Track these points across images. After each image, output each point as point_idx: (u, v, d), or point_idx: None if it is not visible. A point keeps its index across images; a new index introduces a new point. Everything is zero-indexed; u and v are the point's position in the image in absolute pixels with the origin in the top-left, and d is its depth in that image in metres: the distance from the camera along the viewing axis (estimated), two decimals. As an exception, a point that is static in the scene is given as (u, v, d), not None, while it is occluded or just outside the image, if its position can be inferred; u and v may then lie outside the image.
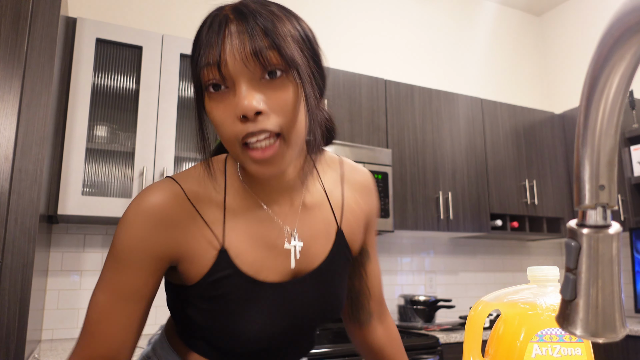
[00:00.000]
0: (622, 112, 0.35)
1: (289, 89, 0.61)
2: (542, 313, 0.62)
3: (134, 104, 2.19)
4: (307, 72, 0.64)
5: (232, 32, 0.60)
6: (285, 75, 0.61)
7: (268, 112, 0.60)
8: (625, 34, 0.32)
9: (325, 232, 0.75)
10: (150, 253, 0.65)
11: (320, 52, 0.69)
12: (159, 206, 0.65)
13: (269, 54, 0.59)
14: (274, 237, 0.71)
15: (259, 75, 0.60)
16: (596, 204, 0.36)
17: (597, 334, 0.36)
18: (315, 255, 0.73)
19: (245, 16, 0.60)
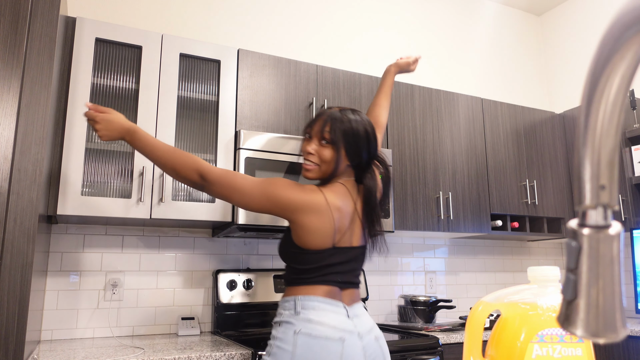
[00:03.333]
0: (622, 112, 0.35)
1: (326, 151, 1.46)
2: (543, 313, 0.61)
3: (133, 103, 2.19)
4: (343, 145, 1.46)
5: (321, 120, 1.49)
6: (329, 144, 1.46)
7: (315, 154, 1.47)
8: (626, 34, 0.32)
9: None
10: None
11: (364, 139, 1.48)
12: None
13: (325, 134, 1.46)
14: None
15: (320, 139, 1.47)
16: (597, 204, 0.36)
17: (598, 334, 0.36)
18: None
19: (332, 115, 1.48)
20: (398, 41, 3.36)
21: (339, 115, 1.45)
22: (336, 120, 1.43)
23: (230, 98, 2.32)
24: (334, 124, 1.43)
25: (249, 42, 2.89)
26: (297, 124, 2.46)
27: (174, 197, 2.17)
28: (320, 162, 1.45)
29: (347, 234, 1.45)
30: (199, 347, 1.90)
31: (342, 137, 1.43)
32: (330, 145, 1.43)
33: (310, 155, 1.45)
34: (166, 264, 2.43)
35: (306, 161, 1.46)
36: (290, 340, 1.32)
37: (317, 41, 3.10)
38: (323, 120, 1.44)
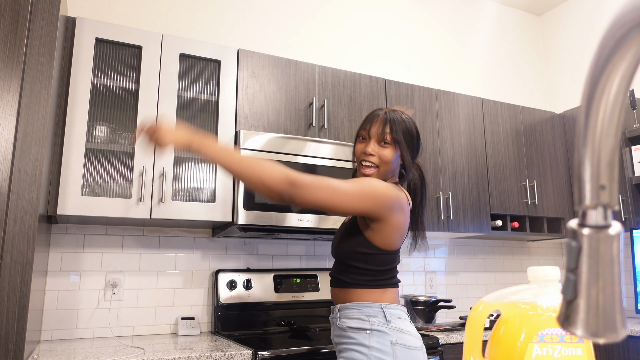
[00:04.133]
0: (622, 112, 0.35)
1: (387, 151, 1.49)
2: (543, 313, 0.61)
3: (133, 103, 2.19)
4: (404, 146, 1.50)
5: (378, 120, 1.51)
6: (389, 144, 1.49)
7: (376, 155, 1.49)
8: (626, 34, 0.32)
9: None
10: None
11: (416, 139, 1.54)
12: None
13: (386, 135, 1.49)
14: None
15: (380, 140, 1.50)
16: (597, 204, 0.36)
17: (598, 334, 0.36)
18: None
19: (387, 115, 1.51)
20: (398, 41, 3.36)
21: (396, 116, 1.49)
22: (395, 121, 1.48)
23: (230, 98, 2.32)
24: (394, 124, 1.47)
25: (249, 42, 2.89)
26: (297, 124, 2.46)
27: (174, 197, 2.17)
28: (380, 163, 1.47)
29: None
30: (199, 347, 1.90)
31: (402, 137, 1.47)
32: (390, 146, 1.47)
33: (370, 156, 1.47)
34: (166, 264, 2.43)
35: (365, 162, 1.48)
36: (390, 352, 1.31)
37: (317, 41, 3.10)
38: (382, 121, 1.48)
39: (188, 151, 1.24)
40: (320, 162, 2.36)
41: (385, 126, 1.47)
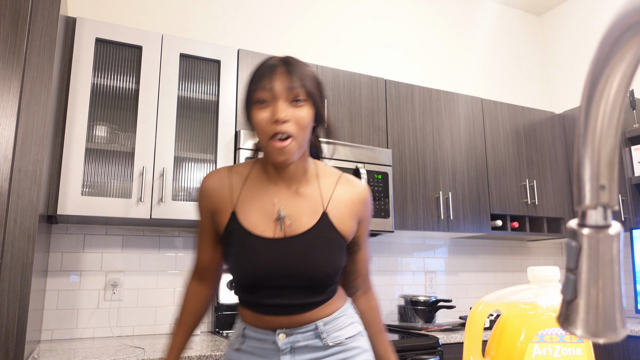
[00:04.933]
0: (622, 112, 0.35)
1: (304, 110, 1.04)
2: (543, 313, 0.61)
3: (133, 103, 2.19)
4: (318, 99, 1.08)
5: (280, 72, 1.04)
6: (305, 102, 1.04)
7: (291, 121, 1.02)
8: (625, 34, 0.32)
9: (312, 212, 1.10)
10: (203, 209, 1.15)
11: (324, 95, 1.12)
12: (205, 184, 1.15)
13: (298, 90, 1.03)
14: (270, 208, 1.10)
15: (290, 99, 1.03)
16: (596, 204, 0.36)
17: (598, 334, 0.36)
18: (301, 225, 1.08)
19: (288, 64, 1.06)
20: (398, 41, 3.36)
21: (296, 61, 1.08)
22: (301, 67, 1.06)
23: (230, 98, 2.32)
24: (302, 72, 1.05)
25: (249, 42, 2.89)
26: (297, 124, 2.46)
27: (174, 197, 2.17)
28: (298, 131, 1.02)
29: None
30: (199, 347, 1.90)
31: (315, 89, 1.07)
32: (306, 104, 1.04)
33: (284, 124, 1.00)
34: (166, 264, 2.43)
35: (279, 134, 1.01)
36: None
37: (317, 41, 3.10)
38: (286, 72, 1.04)
39: None
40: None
41: (293, 77, 1.03)
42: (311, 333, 1.08)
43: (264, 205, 1.10)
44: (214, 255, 1.19)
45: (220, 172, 1.15)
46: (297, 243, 1.06)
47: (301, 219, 1.08)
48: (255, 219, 1.08)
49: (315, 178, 1.15)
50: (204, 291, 1.21)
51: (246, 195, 1.11)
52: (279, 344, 1.07)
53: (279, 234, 1.08)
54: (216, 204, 1.13)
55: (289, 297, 1.07)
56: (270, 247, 1.06)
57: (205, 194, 1.14)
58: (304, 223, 1.08)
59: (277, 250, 1.06)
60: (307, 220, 1.08)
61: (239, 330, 1.14)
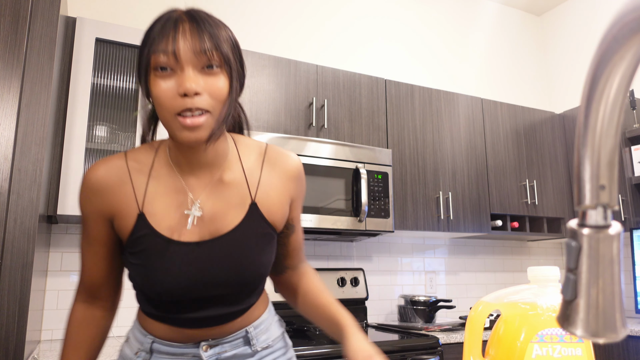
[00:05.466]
0: (622, 112, 0.35)
1: (221, 79, 0.80)
2: (543, 313, 0.61)
3: (133, 103, 2.19)
4: (236, 70, 0.84)
5: (185, 29, 0.79)
6: (220, 70, 0.80)
7: (204, 93, 0.78)
8: (625, 34, 0.32)
9: (239, 204, 0.89)
10: (93, 211, 0.88)
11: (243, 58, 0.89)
12: (94, 178, 0.87)
13: (213, 52, 0.79)
14: (186, 205, 0.87)
15: (201, 66, 0.79)
16: (597, 204, 0.36)
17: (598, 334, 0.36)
18: (227, 223, 0.88)
19: (197, 20, 0.80)
20: (398, 41, 3.36)
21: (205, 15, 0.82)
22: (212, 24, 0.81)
23: (230, 98, 2.32)
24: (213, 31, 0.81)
25: (249, 42, 2.89)
26: (297, 124, 2.46)
27: (174, 197, 2.17)
28: (214, 105, 0.80)
29: None
30: None
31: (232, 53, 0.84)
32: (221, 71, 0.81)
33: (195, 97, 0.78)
34: (166, 264, 2.43)
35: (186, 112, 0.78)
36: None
37: (317, 41, 3.10)
38: (194, 29, 0.79)
39: None
40: (321, 162, 2.36)
41: (203, 37, 0.79)
42: (240, 340, 0.93)
43: (178, 201, 0.87)
44: (109, 268, 0.94)
45: (114, 161, 0.87)
46: (223, 245, 0.87)
47: (227, 215, 0.88)
48: (170, 220, 0.86)
49: (238, 160, 0.92)
50: (99, 316, 0.96)
51: (154, 190, 0.87)
52: (203, 357, 0.90)
53: (200, 236, 0.87)
54: (114, 204, 0.86)
55: (217, 308, 0.89)
56: (190, 254, 0.85)
57: (96, 191, 0.86)
58: (230, 220, 0.88)
59: (199, 256, 0.86)
60: (233, 215, 0.88)
61: (140, 343, 0.92)
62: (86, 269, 0.93)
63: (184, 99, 0.77)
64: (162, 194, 0.87)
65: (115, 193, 0.86)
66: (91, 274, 0.93)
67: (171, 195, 0.87)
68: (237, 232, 0.88)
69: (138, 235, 0.85)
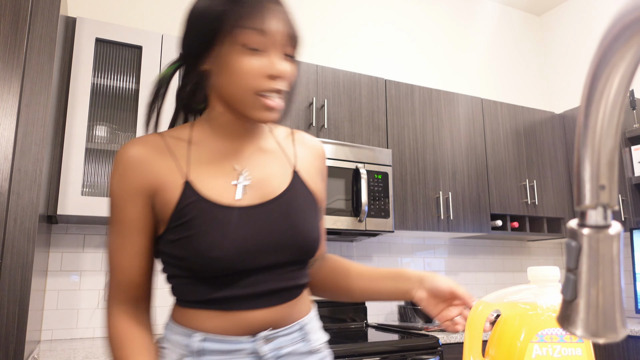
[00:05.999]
0: (622, 112, 0.35)
1: (295, 68, 0.84)
2: (543, 313, 0.61)
3: (133, 103, 2.19)
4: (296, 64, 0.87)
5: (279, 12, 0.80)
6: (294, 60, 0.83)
7: (287, 79, 0.81)
8: (625, 34, 0.32)
9: (282, 172, 0.88)
10: (132, 191, 0.81)
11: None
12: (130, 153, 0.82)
13: (297, 40, 0.82)
14: (232, 173, 0.84)
15: (286, 51, 0.80)
16: (597, 204, 0.36)
17: (598, 334, 0.36)
18: (275, 188, 0.85)
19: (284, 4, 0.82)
20: (398, 41, 3.36)
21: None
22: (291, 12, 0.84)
23: (230, 98, 2.32)
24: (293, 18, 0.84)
25: (249, 42, 2.89)
26: (297, 124, 2.46)
27: (174, 197, 2.17)
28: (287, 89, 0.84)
29: None
30: None
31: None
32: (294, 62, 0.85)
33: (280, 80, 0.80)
34: (166, 264, 2.43)
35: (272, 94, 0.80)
36: None
37: (317, 40, 3.10)
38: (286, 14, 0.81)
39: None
40: (320, 162, 2.36)
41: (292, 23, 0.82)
42: (297, 334, 0.85)
43: (223, 169, 0.84)
44: (149, 262, 0.85)
45: (149, 138, 0.84)
46: (276, 207, 0.83)
47: (272, 181, 0.86)
48: (218, 187, 0.82)
49: (269, 132, 0.93)
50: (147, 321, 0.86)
51: (197, 158, 0.83)
52: (261, 351, 0.80)
53: (250, 201, 0.82)
54: (156, 177, 0.81)
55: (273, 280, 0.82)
56: (244, 217, 0.80)
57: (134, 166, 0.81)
58: (276, 185, 0.85)
59: (254, 218, 0.81)
60: (279, 181, 0.86)
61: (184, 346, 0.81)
62: (123, 266, 0.83)
63: (273, 81, 0.79)
64: (205, 162, 0.83)
65: (155, 164, 0.81)
66: (131, 271, 0.83)
67: (215, 163, 0.84)
68: (286, 195, 0.85)
69: (185, 203, 0.79)
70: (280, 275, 0.83)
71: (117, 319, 0.84)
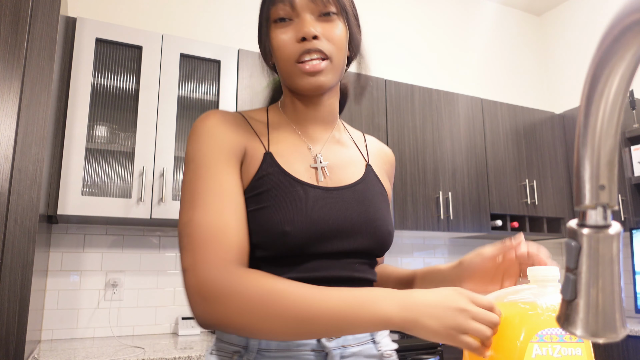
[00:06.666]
0: (622, 112, 0.35)
1: (338, 26, 0.80)
2: (543, 313, 0.61)
3: (133, 104, 2.19)
4: (353, 17, 0.85)
5: None
6: (337, 17, 0.80)
7: (322, 38, 0.78)
8: (625, 34, 0.32)
9: (355, 164, 0.87)
10: (227, 148, 0.76)
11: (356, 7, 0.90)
12: (222, 114, 0.80)
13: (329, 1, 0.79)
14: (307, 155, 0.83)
15: (318, 12, 0.79)
16: (596, 204, 0.36)
17: (598, 334, 0.36)
18: (349, 176, 0.84)
19: None
20: (398, 41, 3.36)
21: None
22: None
23: (230, 98, 2.32)
24: None
25: (249, 42, 2.89)
26: (297, 124, 2.46)
27: (174, 197, 2.17)
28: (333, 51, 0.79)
29: None
30: (199, 347, 1.90)
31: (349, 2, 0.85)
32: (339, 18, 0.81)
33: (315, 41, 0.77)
34: (166, 264, 2.43)
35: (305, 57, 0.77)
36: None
37: (317, 41, 3.10)
38: None
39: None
40: (320, 162, 2.37)
41: None
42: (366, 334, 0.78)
43: (301, 153, 0.82)
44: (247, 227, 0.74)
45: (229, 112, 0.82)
46: (351, 194, 0.80)
47: (347, 170, 0.84)
48: (296, 165, 0.80)
49: (344, 127, 0.94)
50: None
51: (276, 137, 0.82)
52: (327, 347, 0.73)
53: (326, 183, 0.80)
54: (245, 140, 0.79)
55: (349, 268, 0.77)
56: (321, 197, 0.77)
57: (226, 127, 0.78)
58: (351, 174, 0.84)
59: (330, 201, 0.77)
60: (353, 171, 0.85)
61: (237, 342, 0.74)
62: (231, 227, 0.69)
63: (303, 43, 0.77)
64: (283, 143, 0.82)
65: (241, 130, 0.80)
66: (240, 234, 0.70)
67: (292, 146, 0.82)
68: (361, 184, 0.83)
69: (264, 173, 0.76)
70: (349, 264, 0.78)
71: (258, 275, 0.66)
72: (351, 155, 0.87)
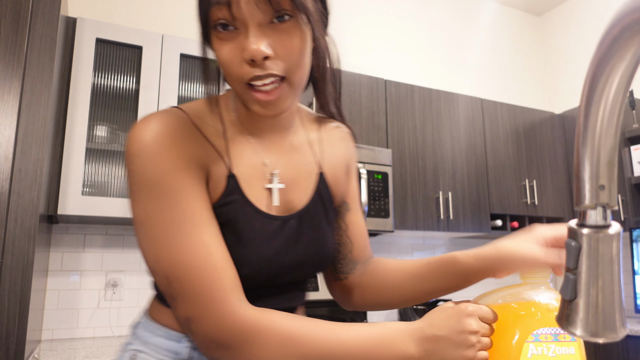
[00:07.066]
0: (622, 112, 0.35)
1: (295, 34, 0.62)
2: (536, 313, 0.62)
3: (134, 104, 2.19)
4: (316, 15, 0.64)
5: None
6: (294, 20, 0.62)
7: (275, 57, 0.61)
8: (625, 34, 0.32)
9: (307, 173, 0.76)
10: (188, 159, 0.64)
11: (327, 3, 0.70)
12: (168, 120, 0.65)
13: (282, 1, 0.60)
14: (262, 171, 0.72)
15: (269, 18, 0.61)
16: (596, 204, 0.36)
17: (597, 334, 0.36)
18: (300, 196, 0.75)
19: None
20: (398, 41, 3.36)
21: None
22: None
23: (230, 98, 2.33)
24: None
25: (249, 42, 2.89)
26: (297, 124, 2.46)
27: (174, 197, 2.17)
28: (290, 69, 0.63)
29: None
30: (199, 347, 1.90)
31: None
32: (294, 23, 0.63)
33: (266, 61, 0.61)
34: (166, 263, 2.43)
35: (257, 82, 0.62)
36: None
37: (317, 41, 3.10)
38: None
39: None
40: (320, 162, 2.37)
41: None
42: None
43: (256, 169, 0.71)
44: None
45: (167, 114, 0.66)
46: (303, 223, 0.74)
47: (298, 187, 0.75)
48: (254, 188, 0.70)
49: (300, 123, 0.80)
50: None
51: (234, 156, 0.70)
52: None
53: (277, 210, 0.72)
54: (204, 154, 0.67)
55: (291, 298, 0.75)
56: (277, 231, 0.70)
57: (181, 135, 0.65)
58: (302, 192, 0.75)
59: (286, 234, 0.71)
60: (304, 187, 0.76)
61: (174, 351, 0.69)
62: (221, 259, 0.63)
63: (252, 66, 0.61)
64: (242, 159, 0.70)
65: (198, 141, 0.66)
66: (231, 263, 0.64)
67: (250, 165, 0.71)
68: (311, 208, 0.75)
69: (228, 200, 0.67)
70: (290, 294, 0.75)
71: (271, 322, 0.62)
72: (305, 162, 0.77)
